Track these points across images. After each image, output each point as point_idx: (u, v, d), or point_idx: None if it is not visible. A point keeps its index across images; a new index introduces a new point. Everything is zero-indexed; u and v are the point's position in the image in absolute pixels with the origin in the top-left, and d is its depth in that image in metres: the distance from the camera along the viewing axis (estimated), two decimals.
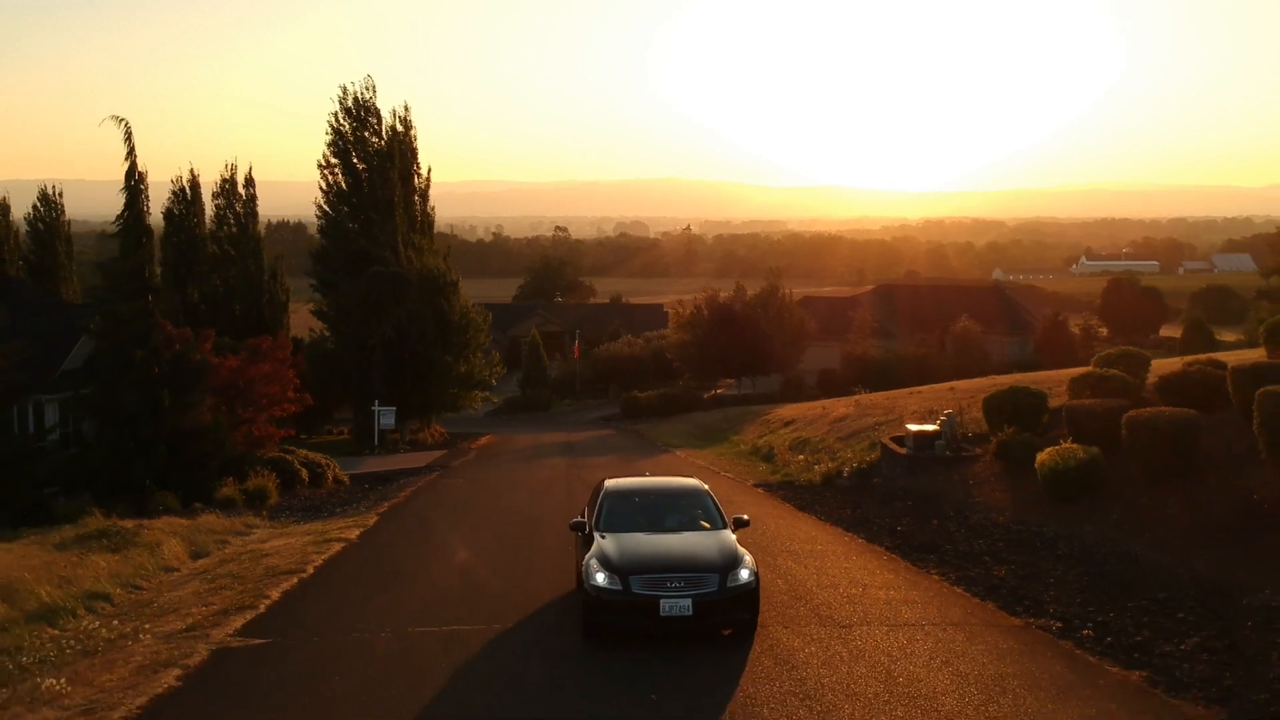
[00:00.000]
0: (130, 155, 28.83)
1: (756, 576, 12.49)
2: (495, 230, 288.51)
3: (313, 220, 63.25)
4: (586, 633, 12.45)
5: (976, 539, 18.39)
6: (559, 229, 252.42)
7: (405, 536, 21.52)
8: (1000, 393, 25.31)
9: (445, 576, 17.03)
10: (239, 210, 56.69)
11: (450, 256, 57.81)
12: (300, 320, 61.53)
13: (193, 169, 55.42)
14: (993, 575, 15.65)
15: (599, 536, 13.12)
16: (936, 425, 25.89)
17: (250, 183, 57.24)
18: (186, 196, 55.12)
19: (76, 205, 57.87)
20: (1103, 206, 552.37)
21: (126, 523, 21.67)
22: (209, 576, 16.99)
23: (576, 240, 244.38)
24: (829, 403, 44.24)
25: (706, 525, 13.68)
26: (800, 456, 32.99)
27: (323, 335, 54.53)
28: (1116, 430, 18.91)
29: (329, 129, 51.71)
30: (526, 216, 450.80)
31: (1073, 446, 19.49)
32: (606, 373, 76.08)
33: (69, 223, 58.14)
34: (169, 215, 54.01)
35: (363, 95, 51.84)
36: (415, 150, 54.39)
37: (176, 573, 17.76)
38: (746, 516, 14.46)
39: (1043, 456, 19.74)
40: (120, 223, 29.67)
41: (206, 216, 56.17)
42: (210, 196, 56.25)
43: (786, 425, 40.34)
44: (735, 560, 12.44)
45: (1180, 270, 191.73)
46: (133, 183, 29.25)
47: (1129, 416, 18.66)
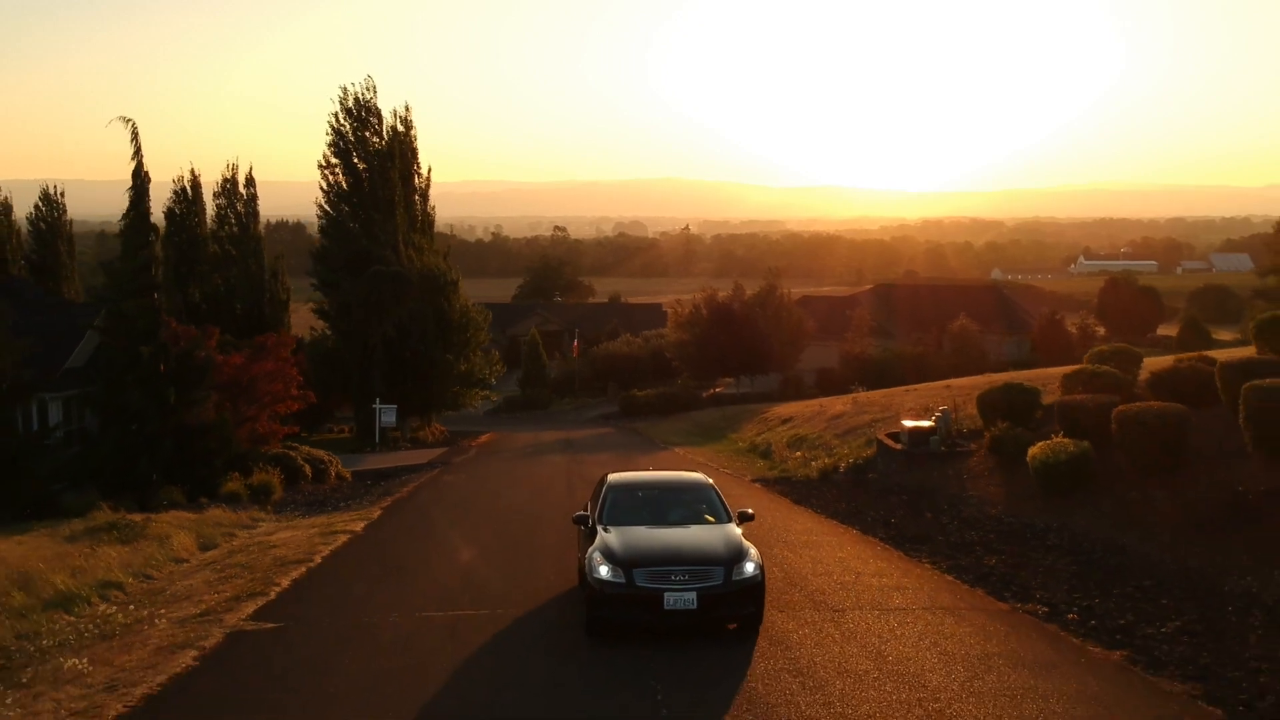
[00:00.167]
0: (137, 155, 29.21)
1: (762, 570, 12.33)
2: (494, 230, 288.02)
3: (312, 220, 63.40)
4: (589, 627, 12.38)
5: (969, 531, 18.74)
6: (558, 229, 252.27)
7: (409, 529, 21.89)
8: (994, 389, 25.63)
9: (449, 567, 17.39)
10: (240, 210, 56.79)
11: (449, 256, 57.90)
12: (300, 320, 61.70)
13: (193, 169, 55.65)
14: (983, 564, 16.02)
15: (602, 530, 12.94)
16: (932, 421, 26.17)
17: (251, 182, 57.37)
18: (188, 196, 55.26)
19: (75, 205, 57.85)
20: (1101, 206, 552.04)
21: (135, 516, 22.09)
22: (218, 567, 17.39)
23: (575, 240, 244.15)
24: (826, 401, 44.50)
25: (711, 519, 13.46)
26: (798, 453, 33.32)
27: (324, 334, 54.73)
28: (1107, 425, 19.21)
29: (329, 129, 51.94)
30: (525, 216, 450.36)
31: (1064, 441, 19.77)
32: (605, 372, 76.27)
33: (70, 222, 58.20)
34: (170, 215, 54.11)
35: (363, 95, 52.06)
36: (415, 150, 54.60)
37: (186, 563, 18.14)
38: (751, 510, 14.13)
39: (1034, 451, 20.02)
40: (126, 221, 29.97)
41: (208, 216, 56.33)
42: (211, 196, 56.40)
43: (784, 423, 40.61)
44: (740, 553, 12.27)
45: (1178, 270, 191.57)
46: (139, 182, 29.61)
47: (1119, 411, 18.97)
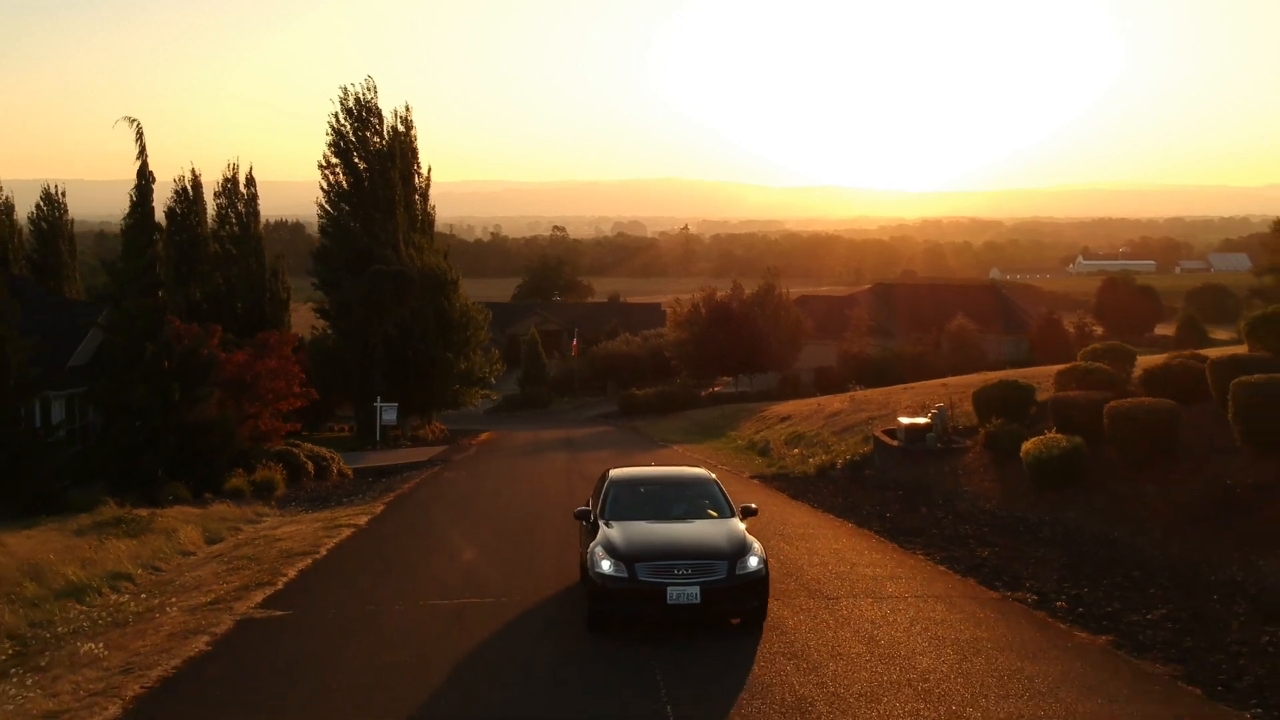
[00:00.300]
0: (141, 154, 29.53)
1: (766, 564, 12.22)
2: (493, 230, 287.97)
3: (311, 220, 63.51)
4: (591, 622, 12.18)
5: (963, 524, 19.05)
6: (557, 229, 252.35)
7: (412, 523, 22.22)
8: (989, 386, 25.95)
9: (451, 559, 17.72)
10: (240, 209, 57.07)
11: (449, 256, 58.33)
12: (299, 319, 61.94)
13: (194, 169, 55.96)
14: (975, 556, 16.34)
15: (604, 525, 12.82)
16: (928, 418, 26.48)
17: (251, 182, 57.61)
18: (189, 196, 55.59)
19: (75, 205, 58.01)
20: (1100, 206, 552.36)
21: (141, 511, 22.38)
22: (225, 559, 17.71)
23: (574, 240, 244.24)
24: (825, 399, 44.81)
25: (714, 514, 13.36)
26: (795, 450, 33.62)
27: (324, 333, 55.06)
28: (1099, 421, 19.50)
29: (329, 129, 52.23)
30: (524, 216, 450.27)
31: (1056, 436, 20.07)
32: (605, 371, 76.55)
33: (72, 222, 58.49)
34: (171, 214, 54.35)
35: (364, 95, 52.43)
36: (416, 150, 54.89)
37: (193, 556, 18.47)
38: (754, 505, 13.95)
39: (1028, 446, 20.32)
40: (131, 220, 30.25)
41: (209, 215, 56.60)
42: (212, 196, 56.71)
43: (783, 421, 40.91)
44: (744, 547, 12.16)
45: (1177, 270, 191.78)
46: (143, 181, 29.91)
47: (1110, 407, 19.27)
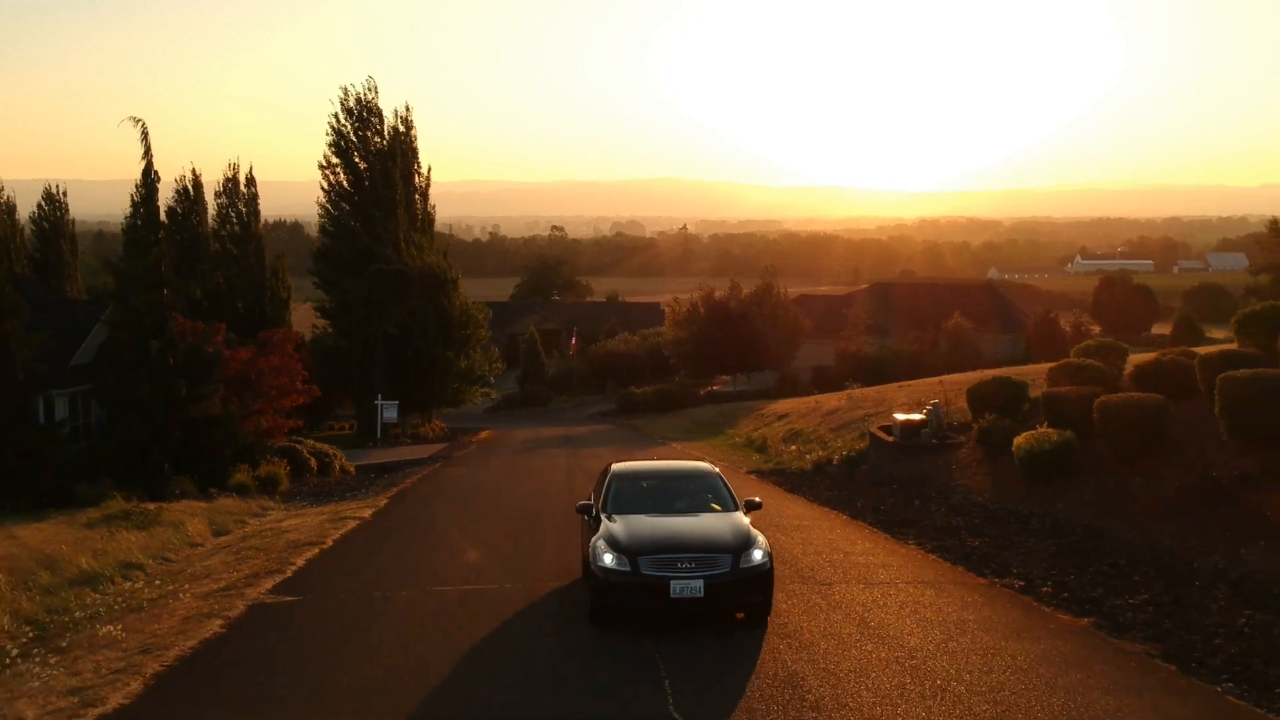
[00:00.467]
0: (147, 154, 30.00)
1: (771, 558, 12.11)
2: (492, 230, 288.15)
3: (309, 220, 63.96)
4: (594, 616, 12.09)
5: (955, 516, 19.44)
6: (555, 229, 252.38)
7: (416, 516, 22.65)
8: (983, 383, 26.35)
9: (455, 548, 18.14)
10: (241, 209, 57.40)
11: (448, 255, 58.74)
12: (299, 318, 62.21)
13: (194, 168, 56.29)
14: (966, 546, 16.74)
15: (606, 519, 12.74)
16: (923, 415, 26.86)
17: (251, 181, 57.82)
18: (189, 195, 55.93)
19: (74, 205, 58.36)
20: (1098, 206, 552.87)
21: (148, 505, 22.78)
22: (234, 549, 18.11)
23: (573, 240, 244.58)
24: (822, 397, 45.23)
25: (717, 508, 13.25)
26: (793, 447, 34.03)
27: (325, 332, 55.47)
28: (1090, 415, 19.87)
29: (330, 129, 52.65)
30: (523, 216, 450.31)
31: (1048, 431, 20.45)
32: (603, 369, 76.95)
33: (73, 221, 58.86)
34: (172, 214, 54.56)
35: (365, 96, 52.86)
36: (416, 150, 55.32)
37: (201, 547, 18.87)
38: (759, 499, 13.89)
39: (1019, 440, 20.70)
40: (136, 219, 30.67)
41: (209, 215, 56.92)
42: (212, 195, 57.01)
43: (780, 419, 41.30)
44: (748, 541, 12.06)
45: (1175, 269, 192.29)
46: (148, 181, 30.34)
47: (1100, 402, 19.66)
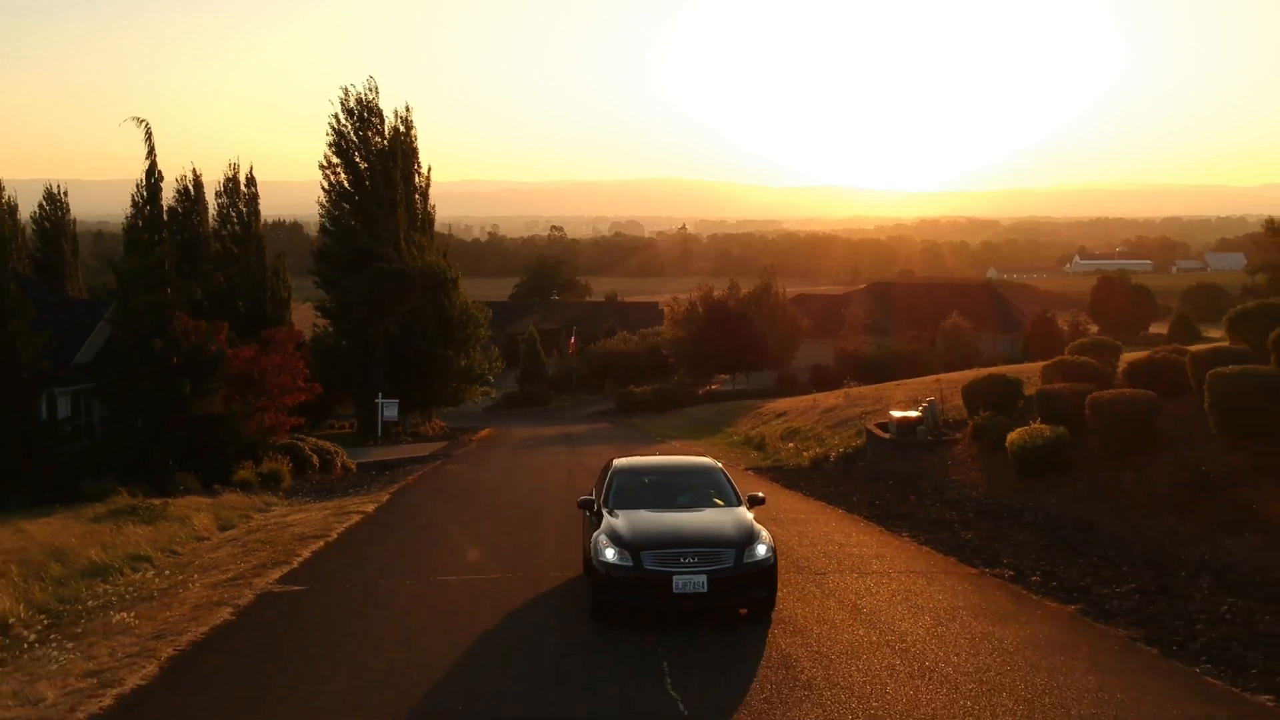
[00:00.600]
0: (150, 154, 30.32)
1: (775, 553, 11.99)
2: (491, 230, 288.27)
3: (309, 219, 64.22)
4: (595, 611, 11.99)
5: (949, 510, 19.76)
6: (554, 229, 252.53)
7: (418, 510, 22.98)
8: (978, 380, 26.68)
9: (458, 540, 18.48)
10: (241, 209, 57.64)
11: (448, 255, 59.08)
12: (299, 318, 62.45)
13: (195, 168, 56.52)
14: (959, 538, 17.07)
15: (608, 514, 12.64)
16: (919, 412, 27.17)
17: (252, 181, 58.10)
18: (190, 195, 56.16)
19: (73, 205, 58.69)
20: (1097, 206, 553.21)
21: (154, 500, 23.11)
22: (240, 543, 18.44)
23: (572, 240, 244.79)
24: (820, 396, 45.56)
25: (720, 503, 13.18)
26: (790, 444, 34.36)
27: (325, 331, 55.78)
28: (1082, 412, 20.17)
29: (330, 129, 52.95)
30: (522, 216, 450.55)
31: (1040, 427, 20.77)
32: (602, 369, 77.32)
33: (74, 221, 59.10)
34: (172, 213, 54.74)
35: (366, 96, 53.18)
36: (416, 150, 55.66)
37: (207, 541, 19.18)
38: (762, 494, 13.82)
39: (1013, 436, 21.02)
40: (140, 219, 30.95)
41: (210, 215, 57.16)
42: (213, 195, 57.25)
43: (778, 417, 41.63)
44: (752, 535, 11.95)
45: (1173, 269, 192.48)
46: (152, 180, 30.66)
47: (1092, 398, 19.97)
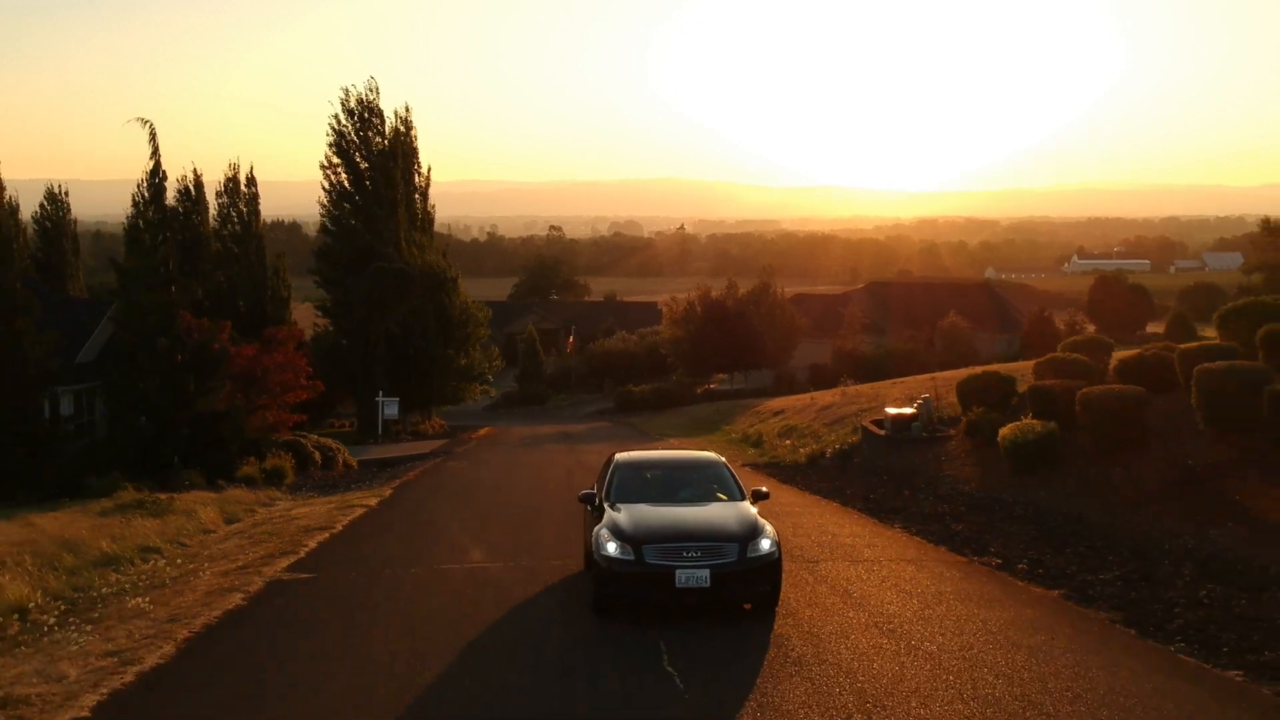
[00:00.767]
0: (155, 154, 30.73)
1: (779, 548, 11.86)
2: (490, 230, 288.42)
3: (308, 219, 64.52)
4: (597, 605, 11.91)
5: (941, 504, 20.16)
6: (553, 228, 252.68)
7: (421, 504, 23.40)
8: (972, 377, 27.10)
9: (460, 530, 18.87)
10: (242, 209, 57.92)
11: (448, 255, 59.48)
12: (299, 317, 62.77)
13: (195, 168, 56.82)
14: (950, 530, 17.46)
15: (610, 508, 12.57)
16: (914, 409, 27.52)
17: (252, 181, 58.42)
18: (190, 195, 56.43)
19: (73, 205, 59.04)
20: (1095, 206, 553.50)
21: (160, 495, 23.49)
22: (247, 535, 18.84)
23: (571, 240, 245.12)
24: (818, 394, 45.98)
25: (723, 497, 13.14)
26: (787, 441, 34.77)
27: (326, 330, 56.14)
28: (1073, 407, 20.58)
29: (330, 130, 53.42)
30: (521, 216, 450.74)
31: (1032, 422, 21.14)
32: (601, 368, 77.70)
33: (75, 221, 59.40)
34: (173, 213, 54.91)
35: (367, 96, 53.61)
36: (416, 150, 56.10)
37: (214, 533, 19.57)
38: (766, 489, 13.74)
39: (1005, 432, 21.40)
40: (142, 218, 31.34)
41: (210, 214, 57.43)
42: (213, 195, 57.53)
43: (776, 415, 42.03)
44: (755, 530, 11.81)
45: (1172, 269, 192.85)
46: (156, 180, 31.05)
47: (1083, 394, 20.36)
